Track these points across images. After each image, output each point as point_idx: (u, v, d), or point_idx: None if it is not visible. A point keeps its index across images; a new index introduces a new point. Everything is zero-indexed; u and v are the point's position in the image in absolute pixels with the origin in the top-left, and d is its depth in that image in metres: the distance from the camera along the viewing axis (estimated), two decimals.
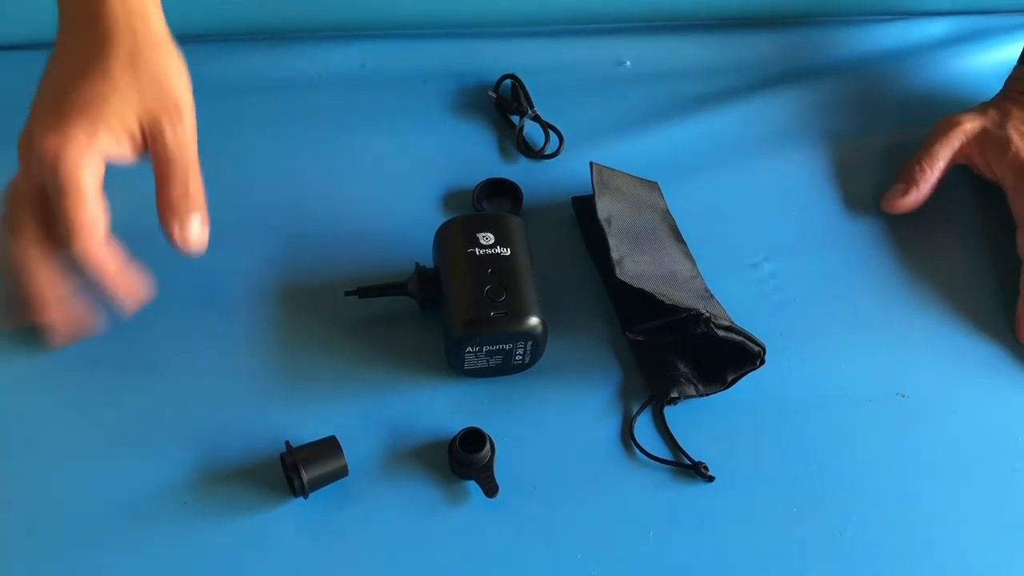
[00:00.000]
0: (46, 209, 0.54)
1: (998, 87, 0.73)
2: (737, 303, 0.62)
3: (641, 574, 0.55)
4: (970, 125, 0.69)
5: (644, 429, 0.60)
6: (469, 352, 0.58)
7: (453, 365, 0.60)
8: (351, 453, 0.56)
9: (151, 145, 0.54)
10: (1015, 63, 0.72)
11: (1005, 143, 0.67)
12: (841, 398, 0.62)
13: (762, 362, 0.60)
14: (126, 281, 0.56)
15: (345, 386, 0.60)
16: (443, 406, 0.60)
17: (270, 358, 0.61)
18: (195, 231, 0.56)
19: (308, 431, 0.57)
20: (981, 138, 0.69)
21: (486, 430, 0.57)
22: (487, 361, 0.59)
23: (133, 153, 0.54)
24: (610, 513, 0.57)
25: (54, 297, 0.56)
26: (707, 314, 0.58)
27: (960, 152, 0.69)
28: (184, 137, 0.54)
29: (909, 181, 0.68)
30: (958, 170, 0.71)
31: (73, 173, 0.52)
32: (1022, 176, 0.66)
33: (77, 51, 0.54)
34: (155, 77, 0.54)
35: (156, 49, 0.55)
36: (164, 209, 0.55)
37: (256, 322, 0.62)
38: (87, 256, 0.53)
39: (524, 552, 0.55)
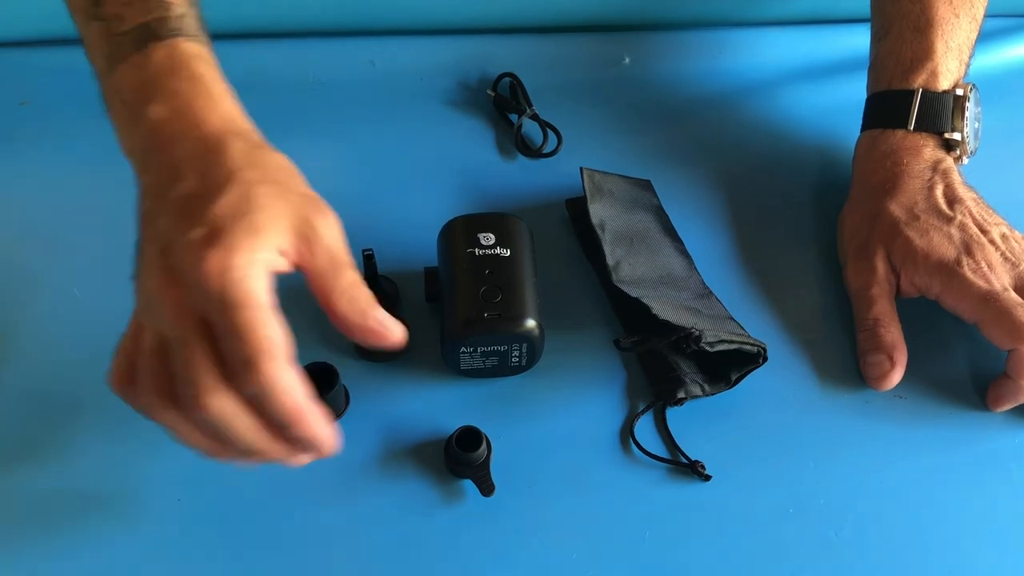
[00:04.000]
0: (168, 362, 0.45)
1: (997, 89, 0.72)
2: None
3: (637, 572, 0.55)
4: (882, 270, 0.63)
5: (642, 428, 0.60)
6: (464, 352, 0.58)
7: (449, 364, 0.60)
8: (347, 451, 0.55)
9: (308, 247, 0.46)
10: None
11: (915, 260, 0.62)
12: (838, 398, 0.62)
13: (764, 359, 0.60)
14: (313, 418, 0.44)
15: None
16: (440, 405, 0.60)
17: None
18: (398, 330, 0.47)
19: None
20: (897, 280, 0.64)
21: (483, 429, 0.57)
22: (483, 362, 0.59)
23: (288, 262, 0.46)
24: (606, 512, 0.57)
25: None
26: (696, 332, 0.57)
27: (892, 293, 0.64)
28: (337, 231, 0.47)
29: (885, 350, 0.62)
30: None
31: (245, 284, 0.43)
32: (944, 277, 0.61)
33: (184, 170, 0.46)
34: (282, 176, 0.48)
35: (265, 146, 0.49)
36: (350, 313, 0.46)
37: None
38: (271, 383, 0.43)
39: (520, 551, 0.55)
